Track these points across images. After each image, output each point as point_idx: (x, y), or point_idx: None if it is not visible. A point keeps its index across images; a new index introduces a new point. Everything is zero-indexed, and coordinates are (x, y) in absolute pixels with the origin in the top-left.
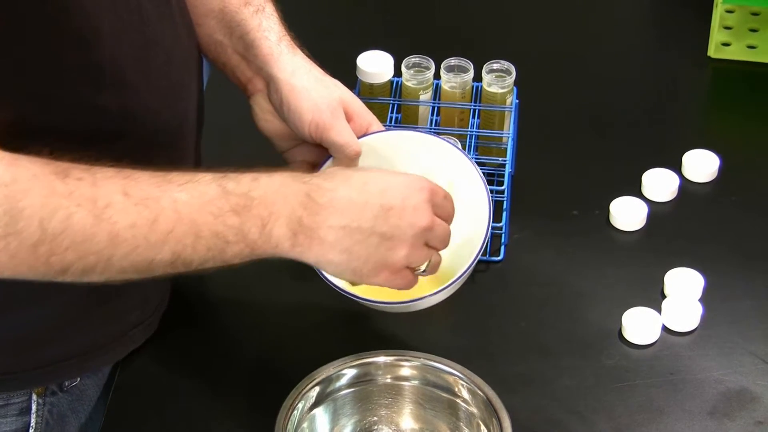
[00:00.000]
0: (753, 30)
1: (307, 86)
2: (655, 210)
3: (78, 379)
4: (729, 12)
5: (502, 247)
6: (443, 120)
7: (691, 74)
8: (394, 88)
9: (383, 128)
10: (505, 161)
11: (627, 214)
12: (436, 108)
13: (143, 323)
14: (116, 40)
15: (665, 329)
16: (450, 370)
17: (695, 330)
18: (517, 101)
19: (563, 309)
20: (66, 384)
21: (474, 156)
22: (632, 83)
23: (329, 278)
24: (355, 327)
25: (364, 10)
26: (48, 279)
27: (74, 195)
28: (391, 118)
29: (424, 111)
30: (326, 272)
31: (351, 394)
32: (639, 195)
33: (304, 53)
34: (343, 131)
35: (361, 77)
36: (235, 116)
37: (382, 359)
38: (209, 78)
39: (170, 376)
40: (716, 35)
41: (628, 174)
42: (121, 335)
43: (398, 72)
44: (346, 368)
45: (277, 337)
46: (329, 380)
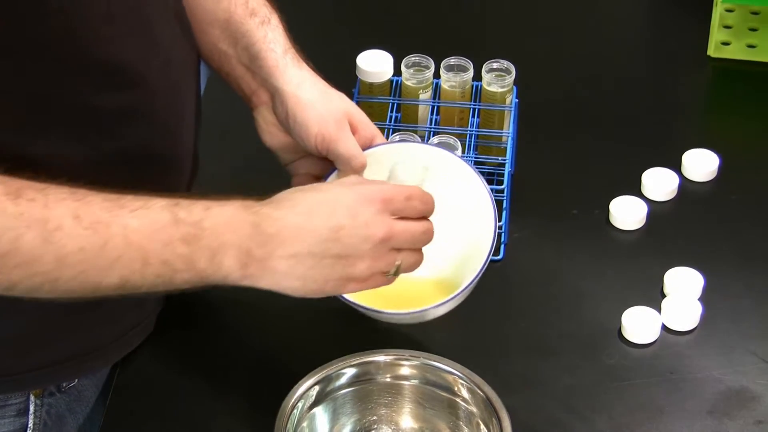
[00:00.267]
0: (753, 29)
1: (313, 99)
2: (655, 209)
3: (76, 380)
4: (729, 11)
5: (502, 247)
6: (443, 119)
7: (691, 74)
8: (394, 88)
9: (387, 140)
10: (505, 160)
11: (627, 214)
12: (436, 107)
13: (140, 324)
14: (116, 41)
15: (665, 328)
16: (450, 370)
17: (695, 329)
18: (517, 100)
19: (563, 308)
20: (64, 385)
21: (474, 155)
22: (632, 82)
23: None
24: (355, 326)
25: (364, 10)
26: None
27: (24, 216)
28: (391, 117)
29: (424, 110)
30: (286, 294)
31: (351, 394)
32: (639, 194)
33: (309, 65)
34: (349, 144)
35: (361, 76)
36: (234, 117)
37: (382, 358)
38: (209, 78)
39: (170, 376)
40: (716, 34)
41: (628, 173)
42: (118, 337)
43: (398, 71)
44: (346, 367)
45: (277, 337)
46: (329, 379)
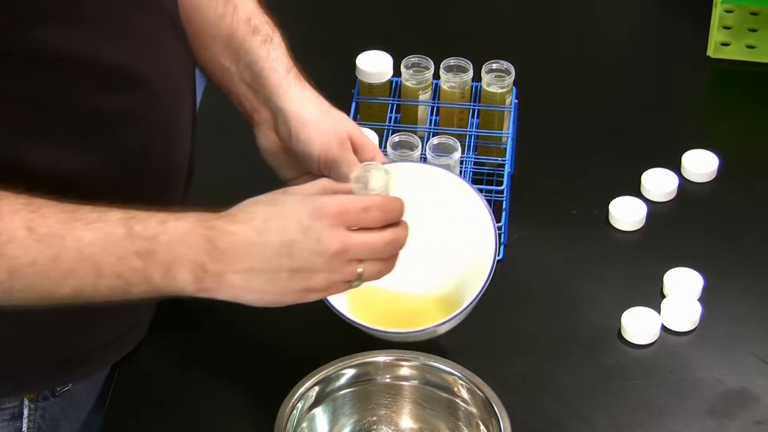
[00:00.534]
0: (752, 30)
1: (317, 120)
2: (655, 210)
3: (70, 385)
4: (728, 12)
5: (502, 247)
6: (442, 120)
7: (691, 74)
8: (394, 88)
9: (387, 160)
10: (505, 161)
11: (626, 214)
12: (436, 108)
13: (133, 329)
14: (114, 42)
15: (664, 329)
16: (449, 370)
17: (694, 330)
18: (517, 101)
19: (563, 309)
20: (58, 389)
21: (473, 156)
22: (631, 83)
23: (332, 303)
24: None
25: (364, 10)
26: None
27: None
28: (391, 118)
29: (424, 111)
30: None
31: (350, 394)
32: (638, 195)
33: (311, 83)
34: (352, 164)
35: (361, 77)
36: (232, 122)
37: (382, 359)
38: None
39: (170, 377)
40: (715, 35)
41: (628, 174)
42: (111, 341)
43: (397, 72)
44: (346, 368)
45: (277, 338)
46: (329, 380)
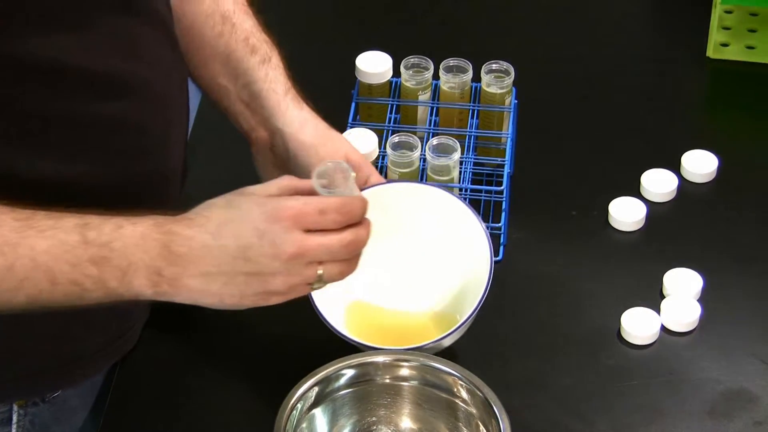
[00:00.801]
0: (752, 30)
1: (315, 143)
2: (654, 210)
3: (59, 391)
4: (728, 12)
5: (501, 248)
6: (442, 120)
7: (690, 75)
8: (393, 89)
9: (383, 179)
10: (504, 162)
11: (626, 215)
12: (435, 108)
13: (123, 336)
14: (99, 51)
15: (664, 329)
16: (449, 371)
17: (694, 330)
18: (516, 101)
19: (562, 309)
20: (48, 395)
21: (473, 156)
22: (631, 83)
23: (327, 319)
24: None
25: (364, 10)
26: None
27: None
28: (390, 119)
29: (423, 111)
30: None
31: (350, 395)
32: (638, 195)
33: (308, 105)
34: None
35: (360, 78)
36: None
37: (381, 359)
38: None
39: (169, 377)
40: (715, 36)
41: (627, 174)
42: (101, 348)
43: (397, 72)
44: (346, 368)
45: (277, 338)
46: (328, 380)
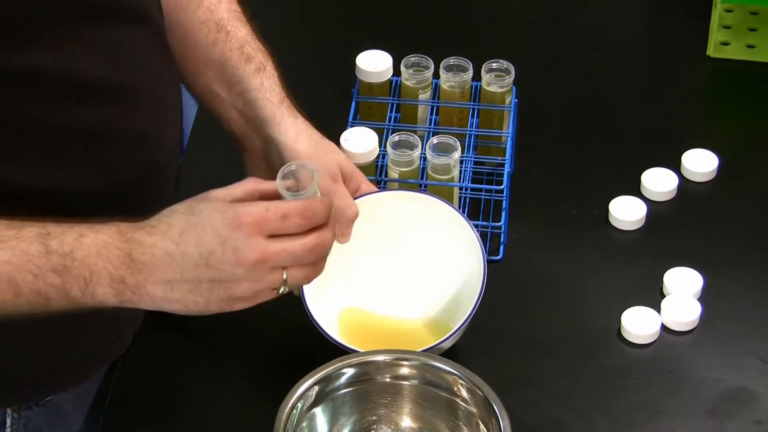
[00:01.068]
0: (752, 29)
1: (309, 152)
2: (654, 209)
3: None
4: (728, 11)
5: (501, 247)
6: (442, 119)
7: (691, 74)
8: (394, 88)
9: (374, 187)
10: (504, 161)
11: (626, 214)
12: (435, 107)
13: (115, 341)
14: (81, 59)
15: (664, 328)
16: (449, 370)
17: (694, 329)
18: (516, 101)
19: (562, 308)
20: (41, 400)
21: (473, 155)
22: (631, 83)
23: (322, 326)
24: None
25: (364, 10)
26: None
27: None
28: (390, 118)
29: (423, 110)
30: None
31: (350, 394)
32: (638, 194)
33: (302, 114)
34: (343, 195)
35: (361, 77)
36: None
37: (382, 358)
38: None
39: (168, 377)
40: (715, 34)
41: (627, 173)
42: (91, 354)
43: (397, 71)
44: (346, 367)
45: (277, 337)
46: (328, 379)
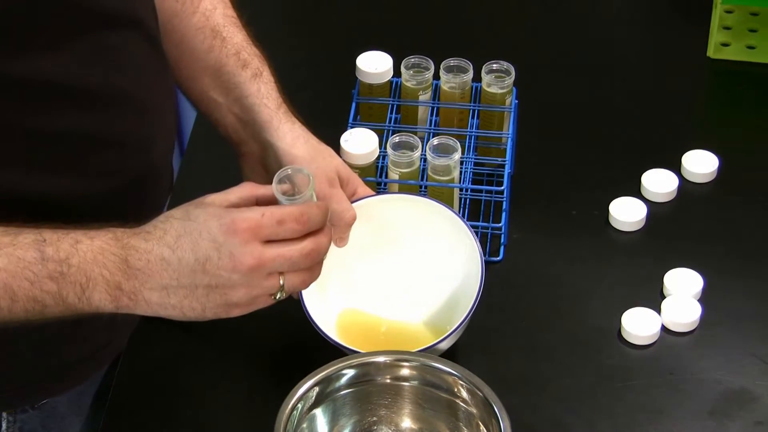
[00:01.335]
0: (752, 30)
1: (307, 157)
2: (655, 210)
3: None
4: (728, 12)
5: (502, 248)
6: (442, 120)
7: (691, 75)
8: (394, 89)
9: (370, 191)
10: (505, 162)
11: (626, 215)
12: (436, 108)
13: (110, 344)
14: (82, 67)
15: (665, 329)
16: (449, 370)
17: (695, 330)
18: (517, 102)
19: (563, 309)
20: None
21: (473, 156)
22: (631, 83)
23: (320, 327)
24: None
25: (364, 10)
26: None
27: None
28: (391, 119)
29: (424, 111)
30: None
31: (350, 395)
32: (638, 195)
33: (299, 119)
34: (341, 199)
35: (361, 77)
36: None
37: (382, 359)
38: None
39: (168, 377)
40: (715, 35)
41: (628, 174)
42: (86, 357)
43: (398, 72)
44: (346, 368)
45: (277, 338)
46: (329, 380)
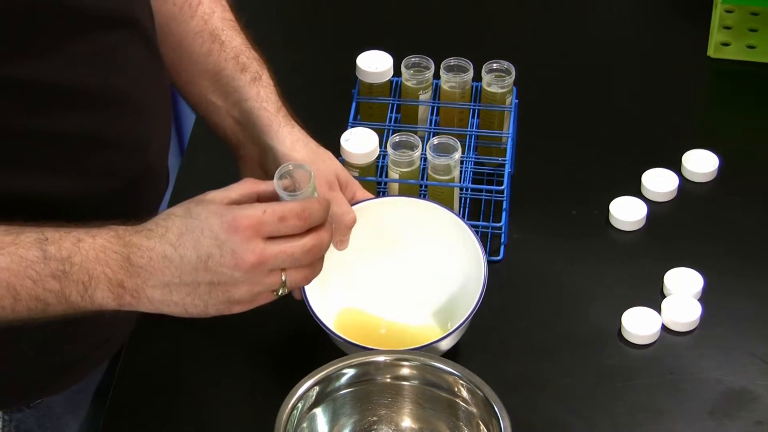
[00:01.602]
0: (752, 30)
1: (307, 161)
2: (655, 210)
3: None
4: (728, 12)
5: (502, 247)
6: (443, 120)
7: (691, 74)
8: (394, 88)
9: (369, 194)
10: (505, 161)
11: (626, 214)
12: (436, 108)
13: (107, 342)
14: (78, 69)
15: (665, 329)
16: (449, 370)
17: (695, 330)
18: (517, 101)
19: (563, 309)
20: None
21: (473, 156)
22: (632, 83)
23: (322, 321)
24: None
25: (364, 10)
26: None
27: None
28: (391, 118)
29: (424, 111)
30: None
31: (350, 394)
32: (638, 195)
33: (298, 123)
34: (341, 202)
35: (361, 77)
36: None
37: (382, 359)
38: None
39: (168, 377)
40: (716, 35)
41: (628, 174)
42: (82, 357)
43: (398, 72)
44: (346, 368)
45: (277, 337)
46: (329, 380)
